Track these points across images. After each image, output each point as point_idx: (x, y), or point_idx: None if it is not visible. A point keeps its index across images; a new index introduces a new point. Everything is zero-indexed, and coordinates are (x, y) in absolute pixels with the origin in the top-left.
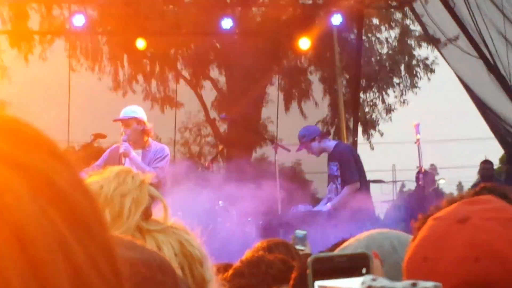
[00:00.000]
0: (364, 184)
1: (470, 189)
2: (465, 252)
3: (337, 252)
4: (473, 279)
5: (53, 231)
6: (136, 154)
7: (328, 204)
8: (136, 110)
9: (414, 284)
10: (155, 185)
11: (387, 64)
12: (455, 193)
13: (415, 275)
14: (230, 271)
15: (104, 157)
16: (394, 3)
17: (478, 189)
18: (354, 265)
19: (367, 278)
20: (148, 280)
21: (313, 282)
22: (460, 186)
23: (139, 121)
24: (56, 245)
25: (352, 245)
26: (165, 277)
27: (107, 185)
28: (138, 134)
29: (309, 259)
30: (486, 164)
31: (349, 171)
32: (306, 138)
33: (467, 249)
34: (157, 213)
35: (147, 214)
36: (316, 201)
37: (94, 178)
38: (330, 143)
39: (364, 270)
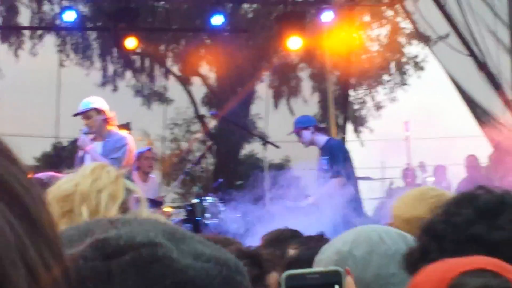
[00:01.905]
0: (353, 181)
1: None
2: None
3: (309, 269)
4: (497, 264)
5: (11, 231)
6: (96, 145)
7: (310, 197)
8: (94, 101)
9: None
10: None
11: (377, 61)
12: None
13: (434, 271)
14: None
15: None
16: (385, 0)
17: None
18: (327, 281)
19: None
20: (228, 280)
21: None
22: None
23: (99, 111)
24: (13, 245)
25: (339, 239)
26: (242, 279)
27: (83, 182)
28: (99, 123)
29: (282, 276)
30: (470, 157)
31: (336, 165)
32: (301, 124)
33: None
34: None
35: (124, 208)
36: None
37: (71, 175)
38: (322, 138)
39: (336, 287)
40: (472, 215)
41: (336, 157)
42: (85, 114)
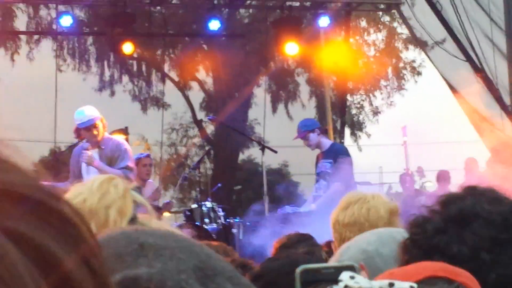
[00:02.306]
0: (352, 186)
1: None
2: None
3: (324, 264)
4: (447, 270)
5: None
6: (93, 153)
7: (313, 204)
8: (92, 113)
9: (391, 284)
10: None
11: (374, 66)
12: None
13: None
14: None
15: (72, 162)
16: (381, 6)
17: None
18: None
19: (345, 276)
20: None
21: None
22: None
23: (101, 120)
24: None
25: (360, 240)
26: None
27: (91, 198)
28: (103, 131)
29: (297, 270)
30: (470, 160)
31: (341, 170)
32: (307, 128)
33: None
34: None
35: (133, 221)
36: (303, 202)
37: (77, 189)
38: (327, 141)
39: None
40: (440, 223)
41: (343, 161)
42: (94, 124)
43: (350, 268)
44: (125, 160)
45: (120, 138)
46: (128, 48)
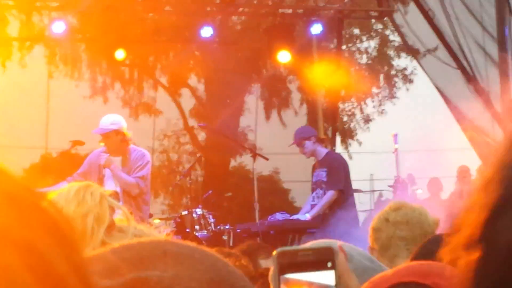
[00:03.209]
0: (352, 195)
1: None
2: (409, 264)
3: (302, 246)
4: (417, 272)
5: None
6: (116, 162)
7: (307, 214)
8: (115, 121)
9: None
10: (115, 196)
11: (366, 74)
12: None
13: None
14: None
15: (85, 166)
16: (374, 13)
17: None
18: (319, 259)
19: None
20: None
21: (279, 276)
22: None
23: (118, 132)
24: None
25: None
26: None
27: (67, 206)
28: (117, 144)
29: (274, 253)
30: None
31: (336, 178)
32: (304, 134)
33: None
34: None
35: (110, 228)
36: (293, 209)
37: (53, 195)
38: (323, 150)
39: (329, 264)
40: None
41: (337, 170)
42: (105, 134)
43: (328, 250)
44: (144, 171)
45: (146, 151)
46: (120, 54)
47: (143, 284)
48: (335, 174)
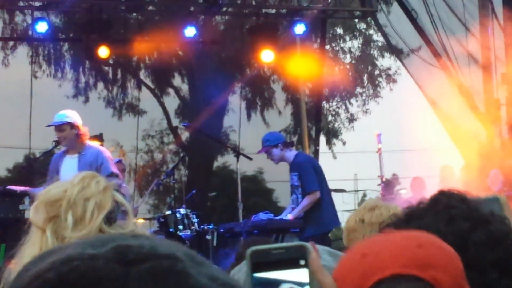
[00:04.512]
0: (326, 194)
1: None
2: (406, 241)
3: (274, 244)
4: (416, 262)
5: None
6: (71, 158)
7: (289, 215)
8: (69, 115)
9: None
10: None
11: (350, 73)
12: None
13: (353, 271)
14: None
15: (50, 170)
16: (357, 13)
17: (436, 194)
18: (292, 256)
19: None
20: None
21: (252, 274)
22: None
23: (72, 126)
24: None
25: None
26: None
27: (71, 189)
28: (73, 139)
29: (247, 252)
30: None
31: (308, 181)
32: (270, 143)
33: (408, 239)
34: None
35: (111, 219)
36: (277, 209)
37: (60, 183)
38: (291, 153)
39: (302, 262)
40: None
41: (307, 172)
42: (59, 127)
43: (300, 247)
44: (108, 168)
45: (100, 146)
46: (103, 52)
47: (126, 250)
48: (307, 177)
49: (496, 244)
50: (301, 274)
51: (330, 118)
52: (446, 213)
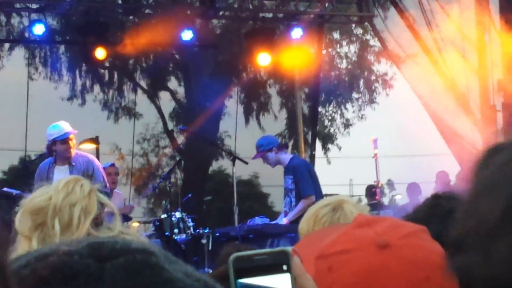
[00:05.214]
0: (320, 198)
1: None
2: (412, 275)
3: (257, 250)
4: None
5: None
6: (63, 168)
7: (284, 219)
8: (68, 127)
9: None
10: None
11: (346, 78)
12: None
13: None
14: None
15: (37, 181)
16: (354, 18)
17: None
18: (274, 262)
19: None
20: None
21: (235, 280)
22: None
23: (71, 137)
24: None
25: None
26: None
27: (56, 196)
28: (71, 148)
29: (230, 258)
30: (441, 173)
31: (304, 185)
32: (264, 148)
33: (412, 272)
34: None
35: (97, 222)
36: (273, 213)
37: (44, 188)
38: (286, 156)
39: (285, 267)
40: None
41: (302, 176)
42: (67, 139)
43: (283, 253)
44: (99, 177)
45: (89, 154)
46: (100, 54)
47: (100, 246)
48: (303, 181)
49: None
50: (284, 279)
51: (326, 123)
52: (448, 219)
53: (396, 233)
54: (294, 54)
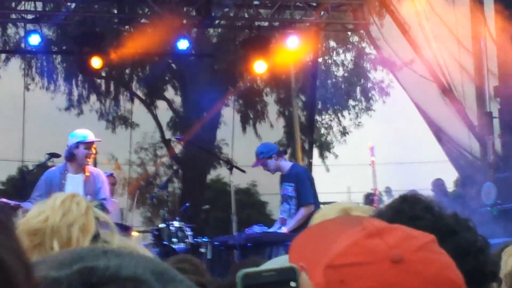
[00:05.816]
0: (317, 206)
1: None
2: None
3: (265, 267)
4: None
5: None
6: (76, 176)
7: (284, 227)
8: (90, 134)
9: None
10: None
11: (342, 86)
12: None
13: None
14: None
15: (41, 187)
16: (350, 26)
17: (398, 202)
18: (283, 279)
19: None
20: None
21: None
22: None
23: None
24: None
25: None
26: None
27: (53, 216)
28: (93, 154)
29: (238, 275)
30: (438, 181)
31: (305, 193)
32: (264, 155)
33: None
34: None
35: (95, 239)
36: (271, 221)
37: (39, 207)
38: (286, 163)
39: (293, 284)
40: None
41: (304, 184)
42: (92, 143)
43: (291, 270)
44: (105, 193)
45: (98, 169)
46: (96, 63)
47: (90, 272)
48: (304, 189)
49: (465, 256)
50: None
51: (323, 131)
52: (411, 226)
53: (409, 246)
54: (290, 63)
